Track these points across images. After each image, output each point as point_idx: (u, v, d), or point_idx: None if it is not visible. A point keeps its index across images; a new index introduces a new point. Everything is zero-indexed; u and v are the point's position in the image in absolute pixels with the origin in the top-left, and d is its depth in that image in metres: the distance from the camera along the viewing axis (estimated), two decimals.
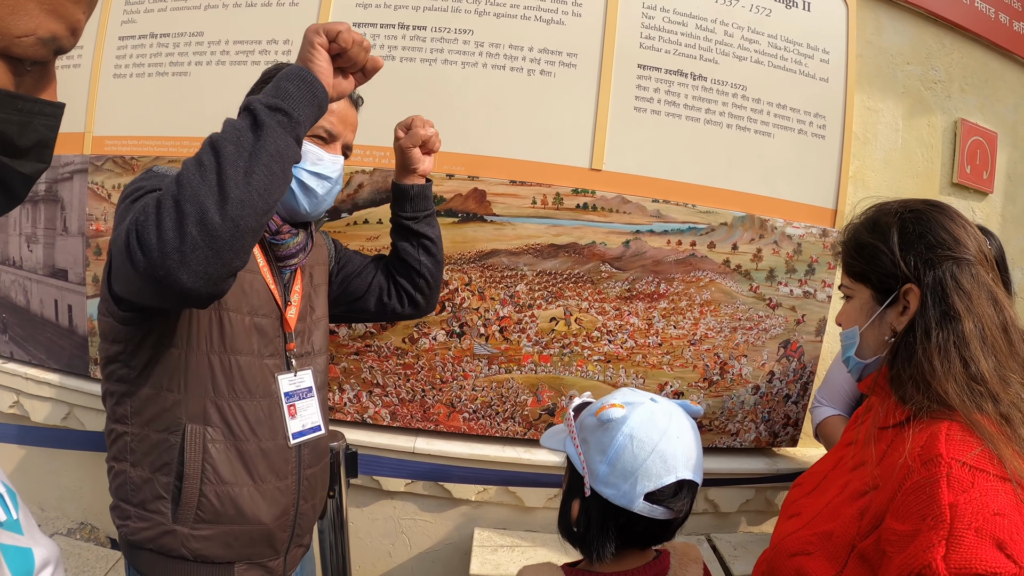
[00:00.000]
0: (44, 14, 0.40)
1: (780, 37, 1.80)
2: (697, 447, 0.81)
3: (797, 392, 1.92)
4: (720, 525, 1.91)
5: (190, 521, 0.93)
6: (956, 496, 0.64)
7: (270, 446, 1.00)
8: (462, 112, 1.68)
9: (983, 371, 0.72)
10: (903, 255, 0.80)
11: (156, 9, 1.85)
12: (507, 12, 1.69)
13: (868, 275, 0.85)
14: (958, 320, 0.74)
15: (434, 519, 1.81)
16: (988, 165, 2.19)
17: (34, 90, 0.43)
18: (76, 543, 2.04)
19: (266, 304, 1.03)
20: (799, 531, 0.84)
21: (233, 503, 0.95)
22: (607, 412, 0.78)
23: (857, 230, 0.89)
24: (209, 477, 0.93)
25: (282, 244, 1.05)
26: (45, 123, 0.43)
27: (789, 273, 1.84)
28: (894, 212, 0.84)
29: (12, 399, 2.05)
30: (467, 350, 1.74)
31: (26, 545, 0.43)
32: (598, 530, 0.80)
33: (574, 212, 1.71)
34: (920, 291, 0.78)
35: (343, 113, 1.09)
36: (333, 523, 1.32)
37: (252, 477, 0.97)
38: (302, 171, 1.02)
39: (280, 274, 1.07)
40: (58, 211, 1.97)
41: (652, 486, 0.75)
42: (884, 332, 0.84)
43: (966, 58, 2.12)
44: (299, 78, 0.84)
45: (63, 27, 0.41)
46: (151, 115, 1.83)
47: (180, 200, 0.72)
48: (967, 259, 0.77)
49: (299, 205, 1.05)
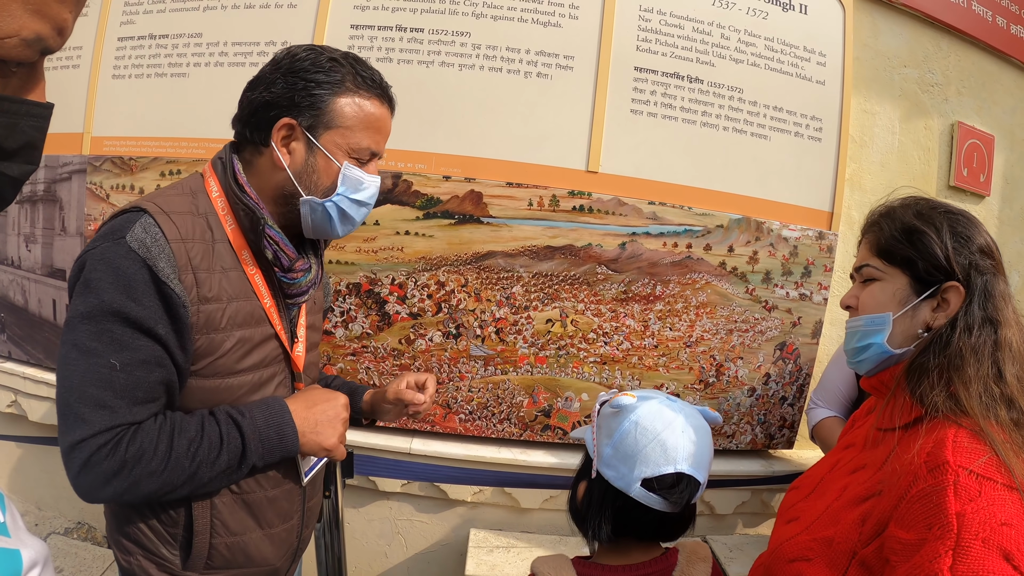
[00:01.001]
0: (28, 15, 0.39)
1: (777, 40, 1.81)
2: (704, 448, 0.82)
3: (793, 394, 1.92)
4: (716, 527, 1.91)
5: (200, 568, 0.91)
6: (963, 505, 0.63)
7: (276, 493, 0.96)
8: (459, 114, 1.69)
9: (1007, 377, 0.73)
10: (956, 253, 0.80)
11: (155, 10, 1.86)
12: (504, 15, 1.69)
13: (914, 262, 0.82)
14: (998, 327, 0.76)
15: (430, 520, 1.82)
16: (985, 168, 2.20)
17: (21, 91, 0.42)
18: (73, 542, 2.04)
19: (272, 355, 0.94)
20: (798, 536, 0.83)
21: (243, 551, 0.94)
22: (619, 399, 0.84)
23: (904, 213, 0.85)
24: (218, 531, 0.91)
25: (294, 283, 0.94)
26: (32, 124, 0.42)
27: (785, 275, 1.84)
28: (939, 209, 0.84)
29: (10, 398, 2.06)
30: (463, 351, 1.74)
31: (13, 547, 0.43)
32: (596, 510, 0.83)
33: (570, 214, 1.71)
34: (964, 293, 0.78)
35: (387, 127, 0.95)
36: (329, 524, 1.32)
37: (260, 524, 0.95)
38: (344, 199, 0.90)
39: (287, 311, 0.97)
40: (56, 211, 1.98)
41: (650, 472, 0.78)
42: (917, 324, 0.82)
43: (963, 61, 2.13)
44: (286, 450, 0.88)
45: (48, 27, 0.40)
46: (150, 116, 1.84)
47: (145, 477, 0.79)
48: (1000, 272, 0.80)
49: (333, 230, 0.94)
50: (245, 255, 0.90)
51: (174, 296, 0.79)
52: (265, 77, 0.89)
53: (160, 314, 0.78)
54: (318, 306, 1.10)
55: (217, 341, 0.85)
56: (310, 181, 0.89)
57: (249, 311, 0.89)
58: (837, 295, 1.98)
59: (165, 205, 0.84)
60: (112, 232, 0.79)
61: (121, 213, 0.83)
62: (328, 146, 0.88)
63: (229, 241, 0.89)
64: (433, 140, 1.68)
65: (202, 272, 0.83)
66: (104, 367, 0.76)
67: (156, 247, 0.79)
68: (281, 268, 0.91)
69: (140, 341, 0.78)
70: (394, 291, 1.72)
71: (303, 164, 0.88)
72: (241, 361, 0.89)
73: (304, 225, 0.92)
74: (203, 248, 0.85)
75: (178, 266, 0.80)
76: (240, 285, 0.88)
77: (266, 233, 0.88)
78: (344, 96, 0.87)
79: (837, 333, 2.00)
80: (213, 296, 0.84)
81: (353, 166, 0.90)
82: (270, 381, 0.93)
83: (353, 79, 0.88)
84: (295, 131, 0.87)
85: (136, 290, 0.77)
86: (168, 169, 1.81)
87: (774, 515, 1.96)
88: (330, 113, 0.87)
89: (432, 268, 1.71)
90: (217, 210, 0.89)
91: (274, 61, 0.90)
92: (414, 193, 1.69)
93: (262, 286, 0.91)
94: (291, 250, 0.91)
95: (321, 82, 0.86)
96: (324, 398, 0.95)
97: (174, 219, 0.83)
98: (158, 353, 0.79)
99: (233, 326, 0.87)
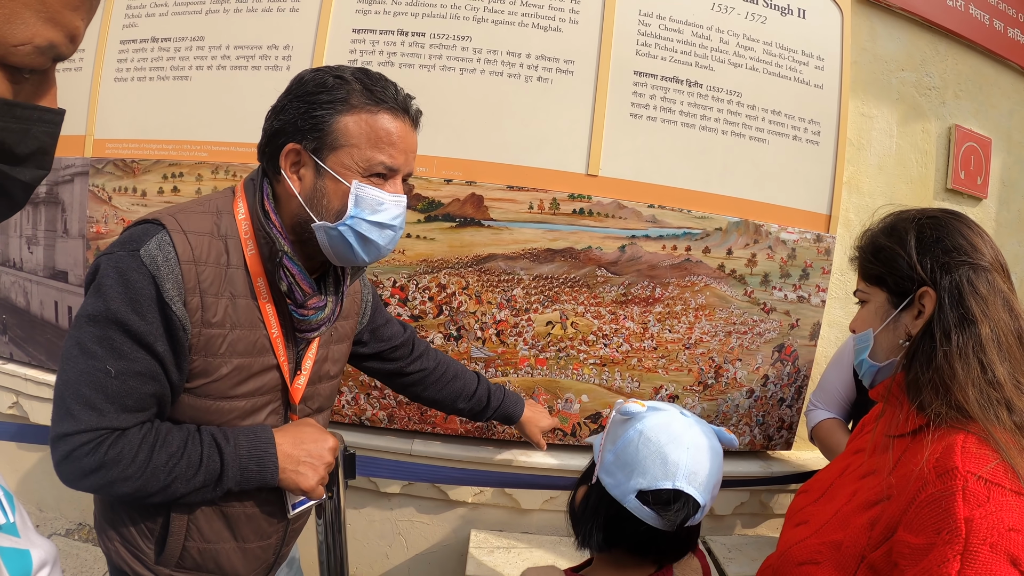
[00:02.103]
0: (41, 22, 0.39)
1: (775, 44, 1.82)
2: (710, 469, 0.78)
3: (791, 396, 1.94)
4: (715, 527, 1.92)
5: (172, 566, 0.94)
6: (972, 510, 0.63)
7: (256, 512, 0.96)
8: (460, 118, 1.70)
9: (999, 376, 0.72)
10: (920, 258, 0.80)
11: (157, 13, 1.86)
12: (505, 19, 1.70)
13: (884, 278, 0.85)
14: (975, 324, 0.74)
15: (431, 521, 1.83)
16: (982, 171, 2.21)
17: (33, 97, 0.43)
18: (74, 543, 2.05)
19: (270, 384, 0.93)
20: (807, 540, 0.83)
21: (214, 559, 0.95)
22: (628, 406, 0.81)
23: (875, 235, 0.89)
24: (193, 535, 0.93)
25: (305, 320, 0.91)
26: (44, 130, 0.43)
27: (783, 278, 1.86)
28: (912, 218, 0.85)
29: (11, 400, 2.06)
30: (464, 353, 1.75)
31: (23, 547, 0.43)
32: (590, 516, 0.82)
33: (570, 217, 1.72)
34: (936, 295, 0.78)
35: (405, 140, 0.88)
36: (331, 525, 1.33)
37: (235, 537, 0.96)
38: (360, 222, 0.85)
39: (295, 343, 0.95)
40: (59, 213, 1.98)
41: (646, 485, 0.75)
42: (899, 335, 0.84)
43: (960, 64, 2.14)
44: (264, 481, 0.88)
45: (61, 35, 0.40)
46: (152, 118, 1.85)
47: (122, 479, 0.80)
48: (983, 265, 0.78)
49: (356, 257, 0.89)
50: (260, 282, 0.89)
51: (174, 318, 0.81)
52: (277, 105, 0.89)
53: (160, 331, 0.81)
54: (338, 335, 1.07)
55: (214, 365, 0.86)
56: (320, 205, 0.86)
57: (252, 340, 0.89)
58: (835, 297, 1.99)
59: (185, 223, 0.84)
60: (129, 241, 0.81)
61: (143, 222, 0.84)
62: (335, 167, 0.85)
63: (246, 266, 0.88)
64: (434, 144, 1.69)
65: (210, 296, 0.84)
66: (100, 371, 0.79)
67: (167, 266, 0.80)
68: (294, 302, 0.90)
69: (138, 353, 0.80)
70: (395, 293, 1.73)
71: (312, 188, 0.86)
72: (235, 388, 0.89)
73: (327, 253, 0.90)
74: (215, 272, 0.85)
75: (185, 288, 0.82)
76: (247, 314, 0.88)
77: (283, 264, 0.87)
78: (349, 114, 0.84)
79: (835, 335, 2.01)
80: (217, 322, 0.85)
81: (366, 185, 0.85)
82: (263, 409, 0.94)
83: (361, 95, 0.85)
84: (302, 156, 0.86)
85: (141, 304, 0.79)
86: (170, 172, 1.82)
87: (772, 516, 1.98)
88: (334, 133, 0.84)
89: (433, 271, 1.72)
90: (240, 233, 0.88)
91: (287, 88, 0.89)
92: (415, 196, 1.70)
93: (272, 316, 0.90)
94: (308, 285, 0.89)
95: (323, 103, 0.84)
96: (313, 438, 0.94)
97: (191, 239, 0.83)
98: (153, 367, 0.81)
99: (232, 354, 0.87)
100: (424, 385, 1.34)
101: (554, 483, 1.64)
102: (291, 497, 0.99)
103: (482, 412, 1.42)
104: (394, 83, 0.90)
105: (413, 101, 0.91)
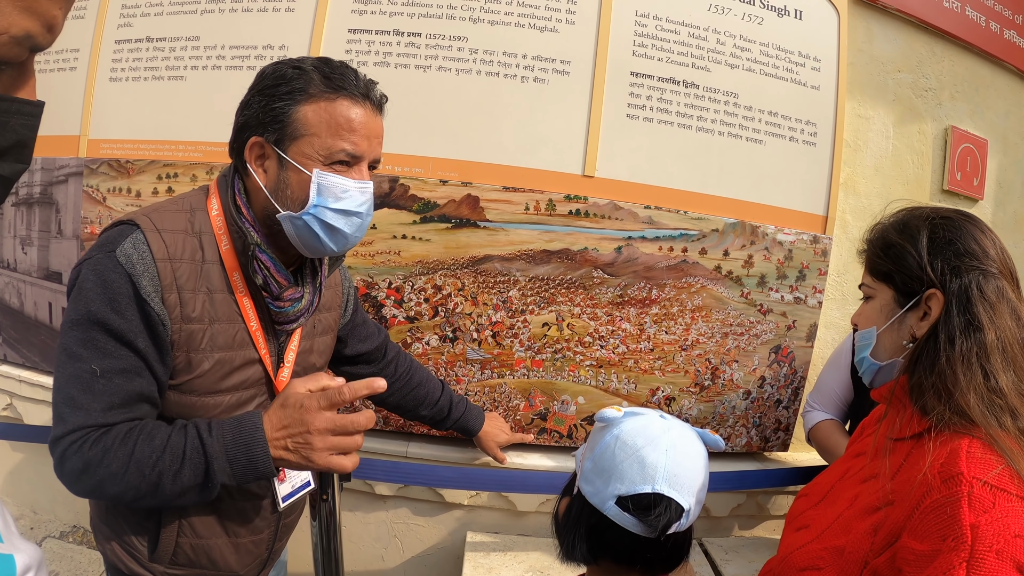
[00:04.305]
0: (17, 12, 0.38)
1: (772, 45, 1.82)
2: (693, 471, 0.75)
3: (788, 397, 1.93)
4: (711, 529, 1.92)
5: (165, 563, 0.94)
6: (977, 516, 0.63)
7: (247, 506, 0.97)
8: (456, 118, 1.69)
9: (1002, 385, 0.71)
10: (931, 260, 0.79)
11: (152, 13, 1.86)
12: (501, 19, 1.70)
13: (892, 275, 0.84)
14: (981, 331, 0.73)
15: (427, 523, 1.82)
16: (978, 172, 2.21)
17: (10, 89, 0.41)
18: (68, 546, 2.04)
19: (253, 378, 0.93)
20: (809, 544, 0.82)
21: (207, 554, 0.96)
22: (604, 412, 0.80)
23: (886, 230, 0.87)
24: (185, 531, 0.93)
25: (282, 312, 0.92)
26: (23, 123, 0.42)
27: (780, 279, 1.85)
28: (925, 217, 0.83)
29: (6, 401, 2.05)
30: (460, 355, 1.75)
31: (7, 551, 0.43)
32: (572, 526, 0.80)
33: (567, 218, 1.72)
34: (944, 298, 0.77)
35: (367, 126, 0.88)
36: (326, 528, 1.32)
37: (226, 532, 0.97)
38: (324, 210, 0.85)
39: (275, 336, 0.95)
40: (53, 214, 1.97)
41: (625, 490, 0.73)
42: (903, 336, 0.83)
43: (957, 66, 2.14)
44: (258, 473, 0.83)
45: (38, 24, 0.39)
46: (147, 119, 1.84)
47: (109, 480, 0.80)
48: (993, 272, 0.77)
49: (324, 247, 0.89)
50: (236, 277, 0.90)
51: (153, 314, 0.82)
52: (243, 101, 0.90)
53: (140, 328, 0.81)
54: (322, 327, 1.07)
55: (196, 361, 0.87)
56: (285, 196, 0.87)
57: (231, 334, 0.90)
58: (832, 298, 1.99)
59: (159, 222, 0.85)
60: (106, 244, 0.83)
61: (118, 224, 0.86)
62: (296, 157, 0.85)
63: (221, 262, 0.89)
64: (430, 144, 1.69)
65: (187, 292, 0.85)
66: (87, 372, 0.80)
67: (142, 264, 0.81)
68: (270, 294, 0.90)
69: (121, 351, 0.81)
70: (391, 295, 1.72)
71: (276, 180, 0.87)
72: (220, 382, 0.90)
73: (295, 244, 0.90)
74: (191, 268, 0.86)
75: (162, 285, 0.83)
76: (225, 308, 0.89)
77: (256, 256, 0.88)
78: (308, 103, 0.85)
79: (832, 336, 2.01)
80: (196, 316, 0.86)
81: (328, 173, 0.85)
82: (249, 402, 0.94)
83: (319, 84, 0.85)
84: (265, 148, 0.87)
85: (119, 303, 0.80)
86: (165, 172, 1.81)
87: (769, 517, 1.97)
88: (294, 123, 0.85)
89: (429, 272, 1.71)
90: (214, 228, 0.89)
91: (251, 83, 0.90)
92: (411, 197, 1.69)
93: (250, 309, 0.91)
94: (283, 277, 0.90)
95: (282, 94, 0.85)
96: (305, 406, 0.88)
97: (164, 237, 0.84)
98: (137, 364, 0.82)
99: (213, 348, 0.88)
100: (390, 391, 1.35)
101: (550, 485, 1.63)
102: (281, 489, 1.00)
103: (443, 421, 1.47)
104: (355, 70, 0.89)
105: (376, 87, 0.91)
